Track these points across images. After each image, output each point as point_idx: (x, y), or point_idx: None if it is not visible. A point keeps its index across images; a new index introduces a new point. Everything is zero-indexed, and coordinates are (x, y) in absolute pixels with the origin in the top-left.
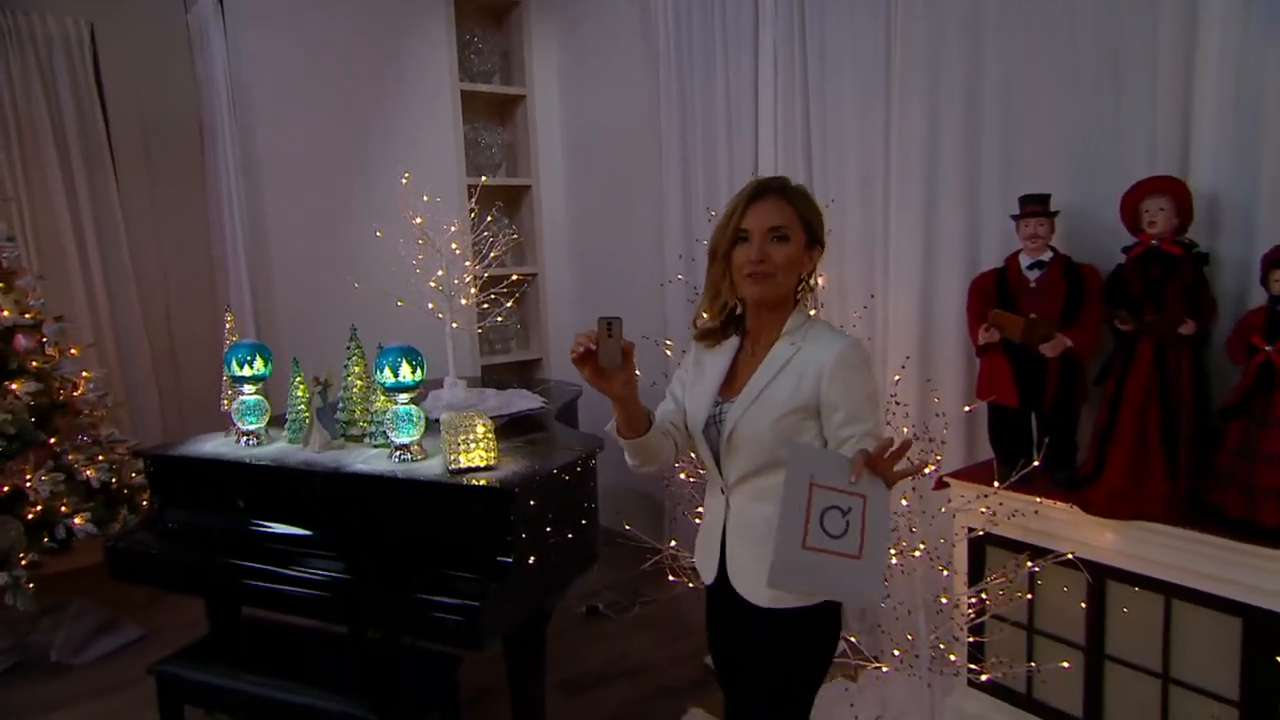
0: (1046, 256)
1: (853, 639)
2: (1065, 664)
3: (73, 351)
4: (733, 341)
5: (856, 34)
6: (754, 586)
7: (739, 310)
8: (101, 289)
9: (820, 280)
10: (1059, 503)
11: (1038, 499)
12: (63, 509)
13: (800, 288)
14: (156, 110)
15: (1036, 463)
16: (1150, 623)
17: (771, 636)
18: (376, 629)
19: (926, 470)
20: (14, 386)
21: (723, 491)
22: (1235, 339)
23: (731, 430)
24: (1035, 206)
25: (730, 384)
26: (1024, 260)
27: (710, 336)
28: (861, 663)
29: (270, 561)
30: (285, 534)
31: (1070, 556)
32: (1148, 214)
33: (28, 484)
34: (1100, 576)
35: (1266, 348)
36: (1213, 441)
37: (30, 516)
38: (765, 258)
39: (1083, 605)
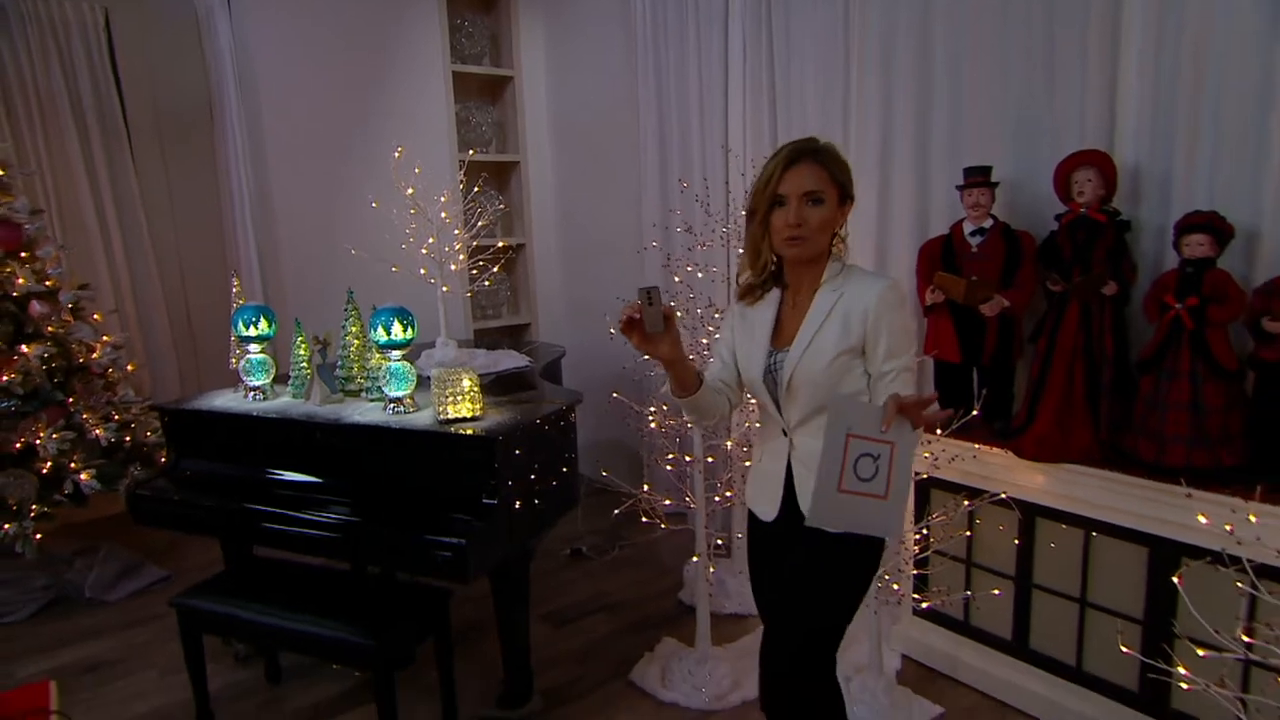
0: (988, 224)
1: None
2: (996, 591)
3: (95, 317)
4: (774, 295)
5: (817, 18)
6: None
7: (775, 266)
8: (122, 259)
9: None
10: (995, 449)
11: (976, 445)
12: (72, 465)
13: (834, 240)
14: (168, 91)
15: (976, 412)
16: (1072, 554)
17: (829, 550)
18: (375, 565)
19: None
20: (25, 349)
21: (785, 433)
22: (1150, 298)
23: (790, 376)
24: (978, 178)
25: (779, 334)
26: (967, 227)
27: (752, 293)
28: None
29: (279, 505)
30: (291, 480)
31: (1004, 497)
32: (1077, 185)
33: (38, 441)
34: (1030, 514)
35: (1176, 305)
36: (1131, 393)
37: (44, 471)
38: (802, 221)
39: (1015, 541)
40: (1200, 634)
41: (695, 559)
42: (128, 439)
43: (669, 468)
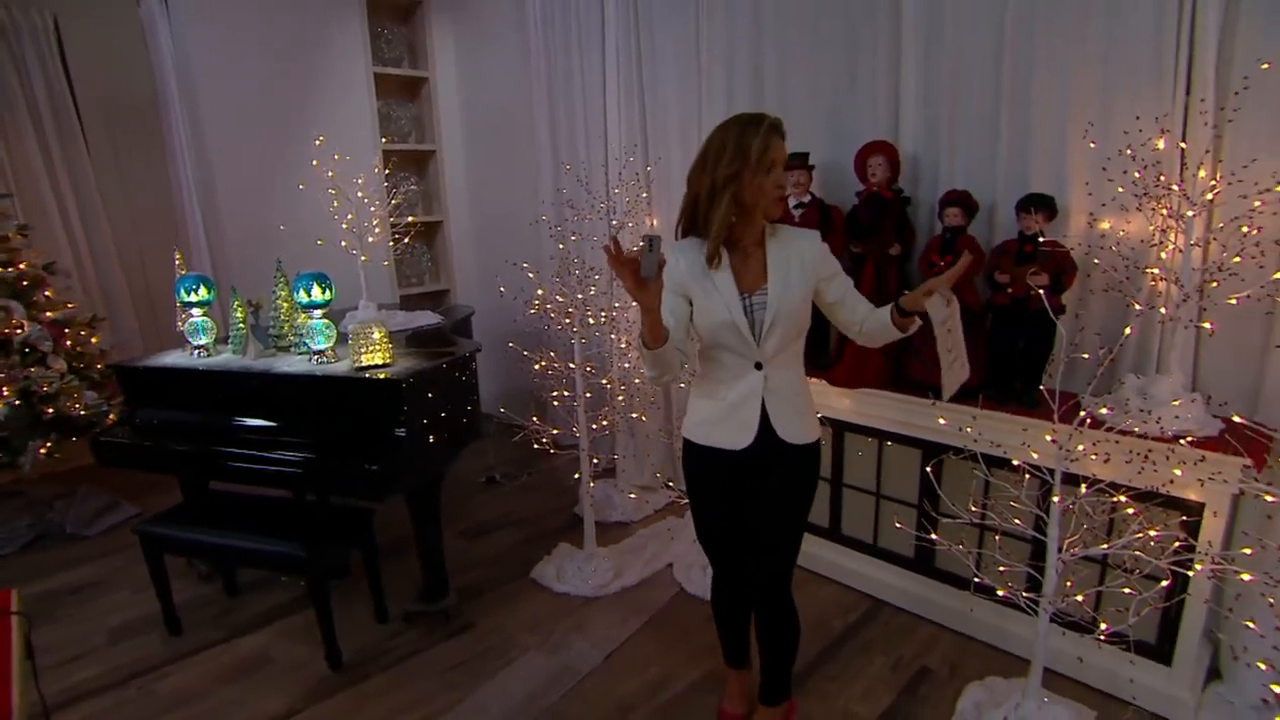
0: (807, 199)
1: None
2: None
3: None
4: (720, 253)
5: (675, 32)
6: (796, 430)
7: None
8: (81, 238)
9: None
10: (815, 379)
11: None
12: None
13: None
14: (116, 88)
15: None
16: (869, 458)
17: (804, 464)
18: (309, 490)
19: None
20: None
21: (758, 367)
22: (922, 257)
23: (775, 313)
24: (798, 161)
25: (742, 282)
26: (791, 201)
27: (716, 250)
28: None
29: (229, 444)
30: (233, 423)
31: (820, 416)
32: (871, 168)
33: None
34: (840, 430)
35: (940, 261)
36: None
37: None
38: (786, 183)
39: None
40: (948, 509)
41: (577, 476)
42: (49, 410)
43: (556, 403)
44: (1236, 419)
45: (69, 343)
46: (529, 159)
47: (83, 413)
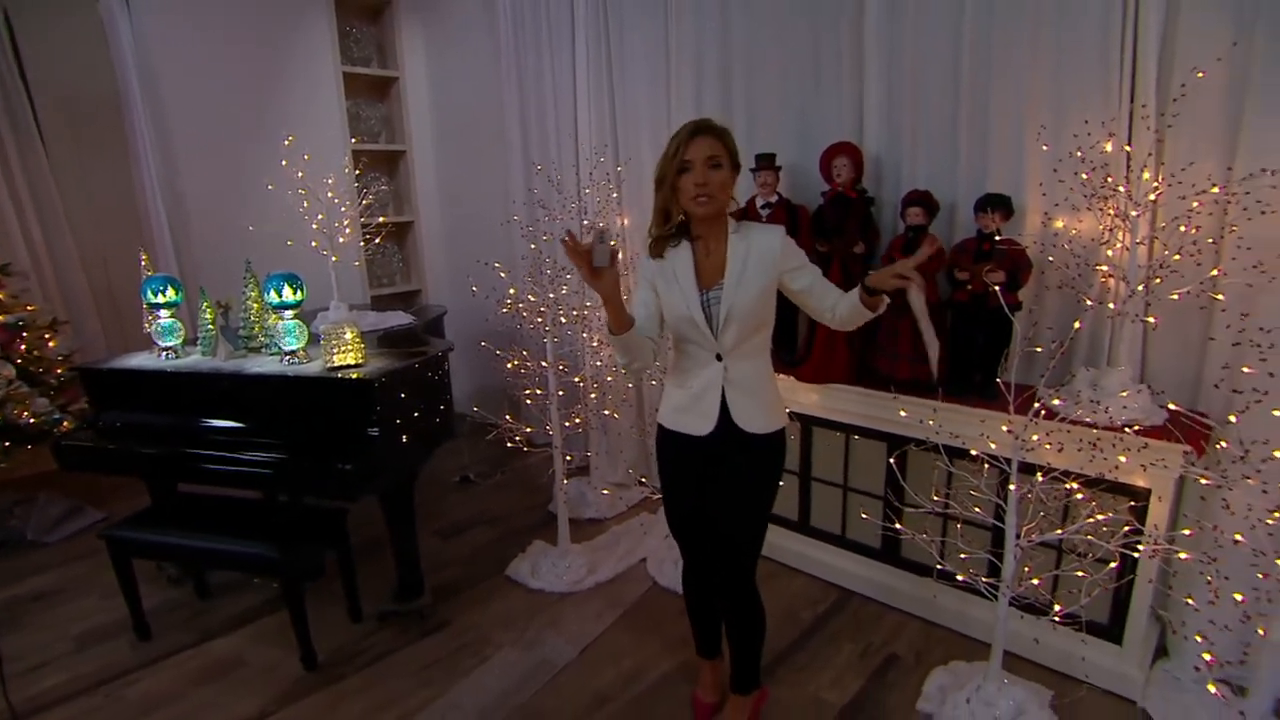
0: (774, 199)
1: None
2: (780, 482)
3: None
4: (685, 249)
5: (644, 34)
6: (756, 420)
7: (682, 222)
8: (40, 240)
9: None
10: (783, 375)
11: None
12: None
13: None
14: (77, 88)
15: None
16: (836, 452)
17: (764, 454)
18: (282, 491)
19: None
20: None
21: (719, 358)
22: (885, 255)
23: (729, 308)
24: (765, 163)
25: (703, 277)
26: (759, 201)
27: (661, 246)
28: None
29: (198, 446)
30: (204, 425)
31: (788, 411)
32: (836, 169)
33: None
34: (808, 425)
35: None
36: (876, 324)
37: None
38: (706, 181)
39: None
40: (912, 500)
41: (551, 473)
42: None
43: (529, 401)
44: (1171, 406)
45: (24, 347)
46: (499, 159)
47: (32, 420)
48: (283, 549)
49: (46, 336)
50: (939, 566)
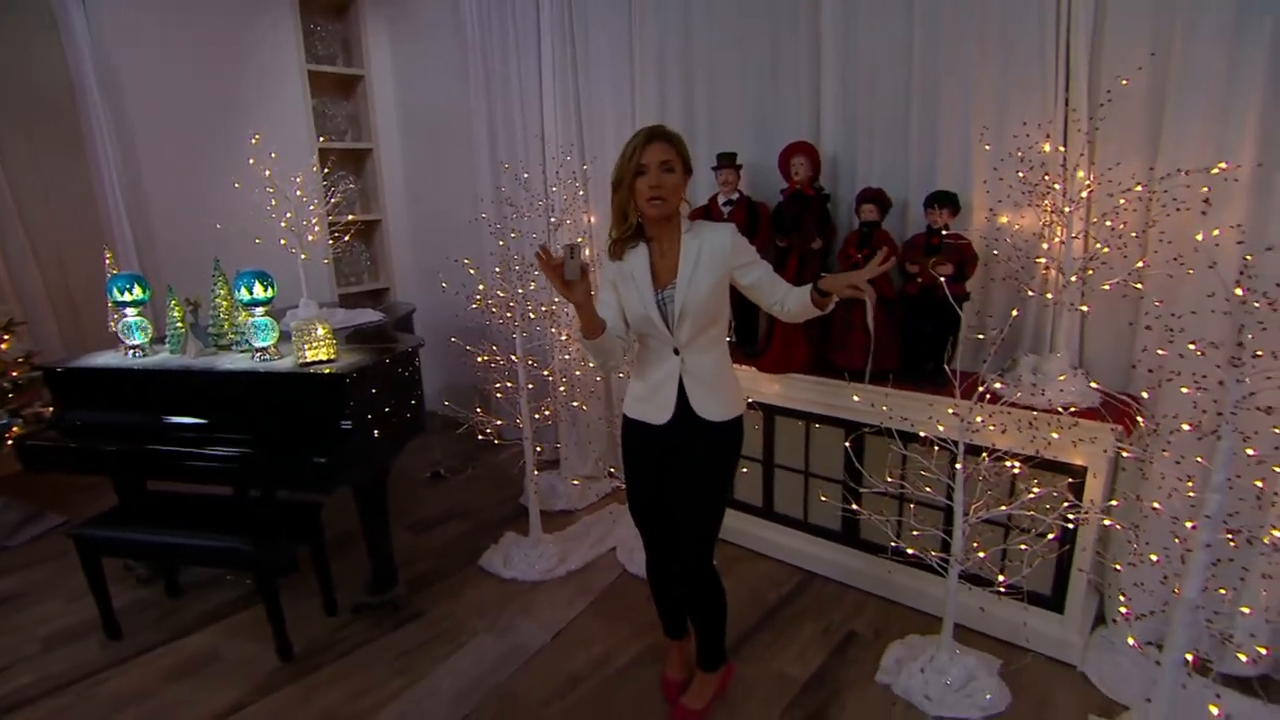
0: (735, 196)
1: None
2: (744, 470)
3: None
4: (641, 251)
5: (609, 35)
6: (713, 409)
7: (639, 224)
8: None
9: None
10: (745, 366)
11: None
12: None
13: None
14: (30, 86)
15: (730, 339)
16: (797, 440)
17: (721, 441)
18: (257, 486)
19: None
20: None
21: (676, 352)
22: (841, 250)
23: (682, 305)
24: (727, 161)
25: (658, 278)
26: (721, 198)
27: (620, 248)
28: None
29: (166, 444)
30: (173, 422)
31: (749, 400)
32: (794, 167)
33: None
34: (770, 414)
35: (858, 255)
36: (832, 317)
37: None
38: (660, 184)
39: (761, 433)
40: (869, 484)
41: (522, 464)
42: None
43: (499, 396)
44: (1094, 385)
45: None
46: (466, 158)
47: None
48: (257, 542)
49: (4, 338)
50: (893, 544)
